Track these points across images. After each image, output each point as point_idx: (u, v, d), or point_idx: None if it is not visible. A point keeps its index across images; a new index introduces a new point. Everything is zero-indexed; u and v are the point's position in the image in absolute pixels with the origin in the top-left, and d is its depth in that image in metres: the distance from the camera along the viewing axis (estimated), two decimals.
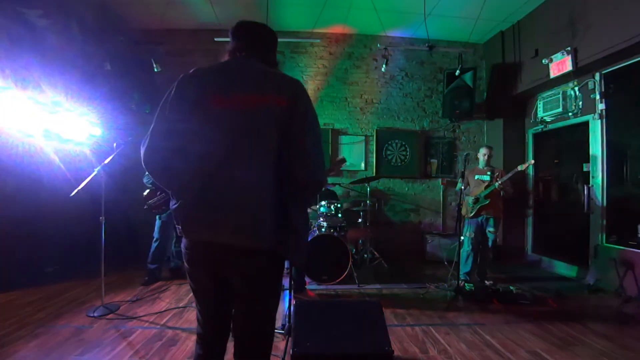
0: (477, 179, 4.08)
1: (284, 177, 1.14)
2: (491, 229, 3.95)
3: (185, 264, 1.25)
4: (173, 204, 1.20)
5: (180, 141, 1.13)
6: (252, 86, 1.17)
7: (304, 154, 1.15)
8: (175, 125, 1.14)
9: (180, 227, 1.18)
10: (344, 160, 3.46)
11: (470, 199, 4.01)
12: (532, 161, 3.97)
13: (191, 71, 1.22)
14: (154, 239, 3.97)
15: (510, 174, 3.84)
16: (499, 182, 3.83)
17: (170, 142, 1.13)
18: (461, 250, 3.94)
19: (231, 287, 1.24)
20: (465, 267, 3.95)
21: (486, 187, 3.92)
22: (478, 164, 4.21)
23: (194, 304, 3.25)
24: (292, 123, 1.14)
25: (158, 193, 3.78)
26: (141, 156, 1.18)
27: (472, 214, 3.98)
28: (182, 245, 1.24)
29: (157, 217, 3.97)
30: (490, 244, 4.00)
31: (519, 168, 3.80)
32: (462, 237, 3.94)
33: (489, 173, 3.99)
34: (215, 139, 1.12)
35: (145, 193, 3.85)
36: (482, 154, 4.11)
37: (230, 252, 1.14)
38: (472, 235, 3.97)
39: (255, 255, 1.15)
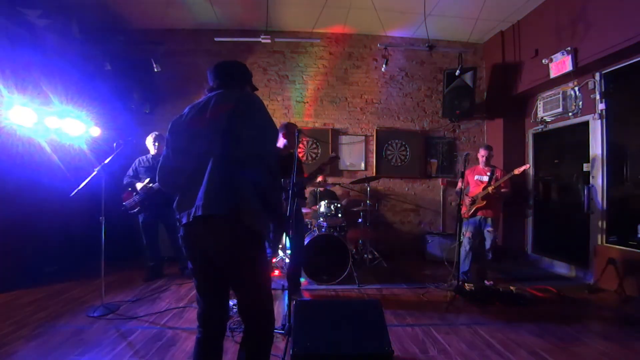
0: (477, 179, 4.09)
1: (231, 158, 1.47)
2: (489, 229, 3.95)
3: (183, 248, 1.55)
4: (174, 203, 1.55)
5: (176, 161, 1.58)
6: (212, 106, 1.55)
7: (241, 137, 1.49)
8: (172, 153, 1.59)
9: (178, 216, 1.51)
10: (335, 158, 3.40)
11: (468, 199, 4.01)
12: (528, 165, 3.95)
13: (178, 116, 1.63)
14: (144, 242, 4.09)
15: (505, 177, 3.84)
16: (493, 186, 3.82)
17: (170, 167, 1.60)
18: (460, 250, 3.95)
19: (215, 268, 1.50)
20: (463, 267, 3.95)
21: (483, 189, 3.92)
22: (479, 163, 4.20)
23: (194, 304, 3.28)
24: (233, 118, 1.50)
25: (134, 194, 3.89)
26: (156, 179, 1.66)
27: (469, 214, 3.99)
28: (180, 234, 1.53)
29: (139, 218, 4.03)
30: (489, 244, 3.98)
31: (515, 172, 3.76)
32: (461, 237, 3.94)
33: (488, 174, 3.98)
34: (191, 150, 1.53)
35: (123, 195, 3.95)
36: (481, 155, 4.12)
37: (204, 227, 1.44)
38: (470, 235, 3.98)
39: (220, 225, 1.42)
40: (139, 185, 3.87)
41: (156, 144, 4.05)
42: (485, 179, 3.97)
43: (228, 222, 1.42)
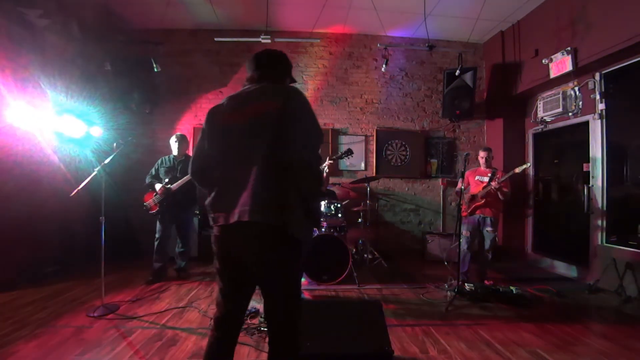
0: (477, 179, 4.09)
1: (279, 163, 1.40)
2: (488, 229, 3.95)
3: (214, 248, 1.49)
4: (207, 200, 1.51)
5: (212, 153, 1.50)
6: (256, 100, 1.49)
7: (290, 141, 1.42)
8: (207, 146, 1.52)
9: (212, 215, 1.46)
10: (349, 152, 3.35)
11: (468, 197, 4.03)
12: (529, 164, 3.96)
13: (216, 105, 1.56)
14: (155, 238, 4.02)
15: (506, 176, 3.85)
16: (494, 183, 3.82)
17: (204, 158, 1.53)
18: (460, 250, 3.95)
19: (248, 274, 1.46)
20: (462, 267, 3.94)
21: (483, 187, 3.93)
22: (479, 165, 4.21)
23: (194, 304, 3.28)
24: (282, 119, 1.42)
25: (154, 194, 3.91)
26: (189, 170, 1.59)
27: (468, 212, 3.99)
28: (213, 233, 1.49)
29: (157, 218, 4.01)
30: (488, 244, 3.97)
31: (516, 170, 3.79)
32: (461, 237, 3.94)
33: (489, 175, 3.98)
34: (230, 144, 1.47)
35: (145, 195, 3.97)
36: (481, 156, 4.14)
37: (249, 233, 1.38)
38: (468, 235, 3.98)
39: (267, 234, 1.36)
40: (157, 187, 3.90)
41: (177, 144, 4.02)
42: (486, 179, 3.97)
43: (275, 231, 1.36)
